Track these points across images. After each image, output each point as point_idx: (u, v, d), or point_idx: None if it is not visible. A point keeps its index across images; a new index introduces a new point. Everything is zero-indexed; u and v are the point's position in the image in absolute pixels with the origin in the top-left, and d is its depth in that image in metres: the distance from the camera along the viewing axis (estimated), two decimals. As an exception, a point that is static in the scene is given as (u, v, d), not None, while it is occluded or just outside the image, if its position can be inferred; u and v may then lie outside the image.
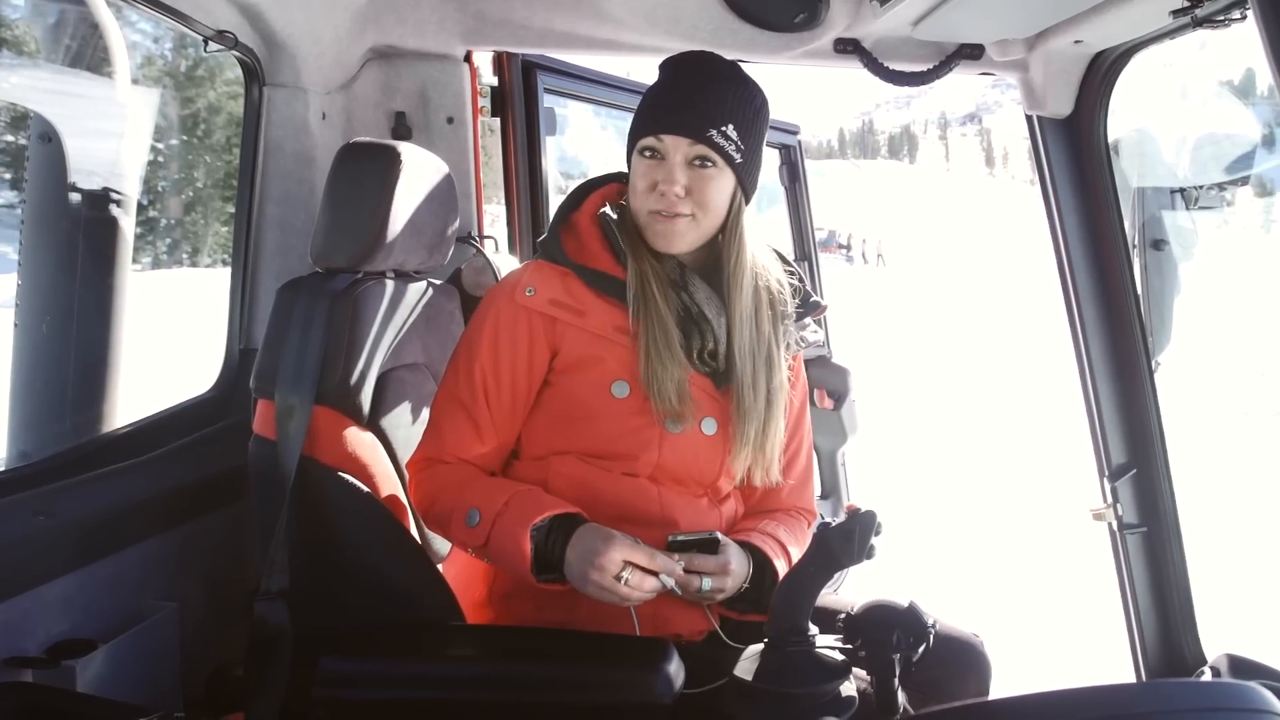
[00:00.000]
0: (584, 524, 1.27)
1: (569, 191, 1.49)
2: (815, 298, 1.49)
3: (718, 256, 1.41)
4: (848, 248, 57.83)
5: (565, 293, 1.38)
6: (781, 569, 1.37)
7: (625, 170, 1.44)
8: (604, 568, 1.20)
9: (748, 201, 1.40)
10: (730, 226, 1.39)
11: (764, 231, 1.47)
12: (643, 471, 1.37)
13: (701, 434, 1.38)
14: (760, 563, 1.36)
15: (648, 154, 1.35)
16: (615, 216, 1.41)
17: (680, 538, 1.29)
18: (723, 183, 1.35)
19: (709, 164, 1.33)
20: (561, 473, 1.37)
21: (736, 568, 1.32)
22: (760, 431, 1.39)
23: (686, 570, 1.27)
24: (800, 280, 1.49)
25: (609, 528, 1.25)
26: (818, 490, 2.93)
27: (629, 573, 1.20)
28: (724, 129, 1.33)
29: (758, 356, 1.39)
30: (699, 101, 1.34)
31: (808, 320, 1.48)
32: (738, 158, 1.34)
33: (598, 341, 1.37)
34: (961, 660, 1.45)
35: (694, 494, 1.42)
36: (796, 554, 1.40)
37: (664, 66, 1.41)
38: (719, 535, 1.31)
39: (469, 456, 1.39)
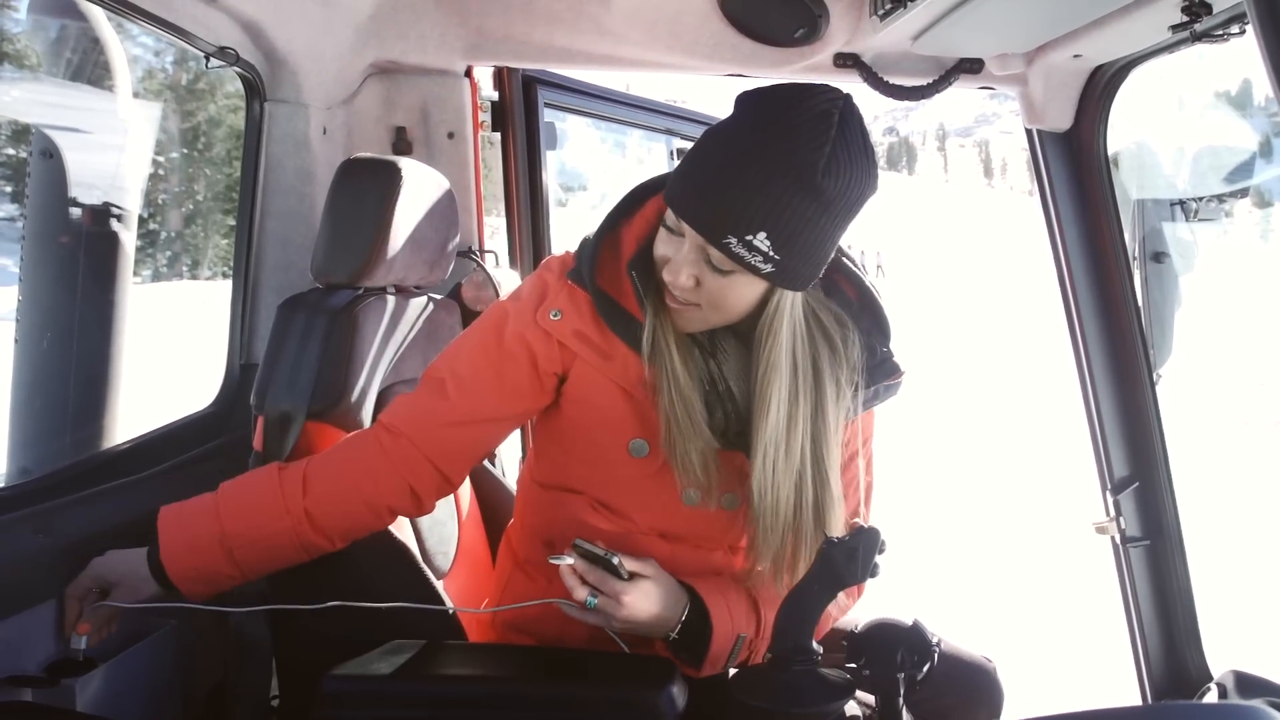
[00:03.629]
0: None
1: (628, 190, 1.26)
2: (894, 359, 1.25)
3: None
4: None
5: (595, 329, 1.20)
6: (730, 627, 1.20)
7: None
8: None
9: (798, 289, 1.14)
10: (767, 320, 1.15)
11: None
12: (651, 532, 1.28)
13: (721, 509, 1.27)
14: (699, 613, 1.19)
15: (669, 222, 1.12)
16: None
17: (583, 546, 1.16)
18: (744, 288, 1.12)
19: (724, 270, 1.10)
20: (571, 514, 1.29)
21: (636, 605, 1.14)
22: (791, 554, 1.20)
23: (583, 580, 1.15)
24: (876, 336, 1.25)
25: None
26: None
27: None
28: (750, 238, 1.04)
29: (783, 482, 1.17)
30: (729, 193, 1.04)
31: (883, 386, 1.25)
32: (766, 268, 1.07)
33: (619, 392, 1.22)
34: (972, 686, 1.42)
35: (707, 549, 1.31)
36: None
37: (736, 103, 1.11)
38: (619, 563, 1.15)
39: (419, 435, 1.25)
